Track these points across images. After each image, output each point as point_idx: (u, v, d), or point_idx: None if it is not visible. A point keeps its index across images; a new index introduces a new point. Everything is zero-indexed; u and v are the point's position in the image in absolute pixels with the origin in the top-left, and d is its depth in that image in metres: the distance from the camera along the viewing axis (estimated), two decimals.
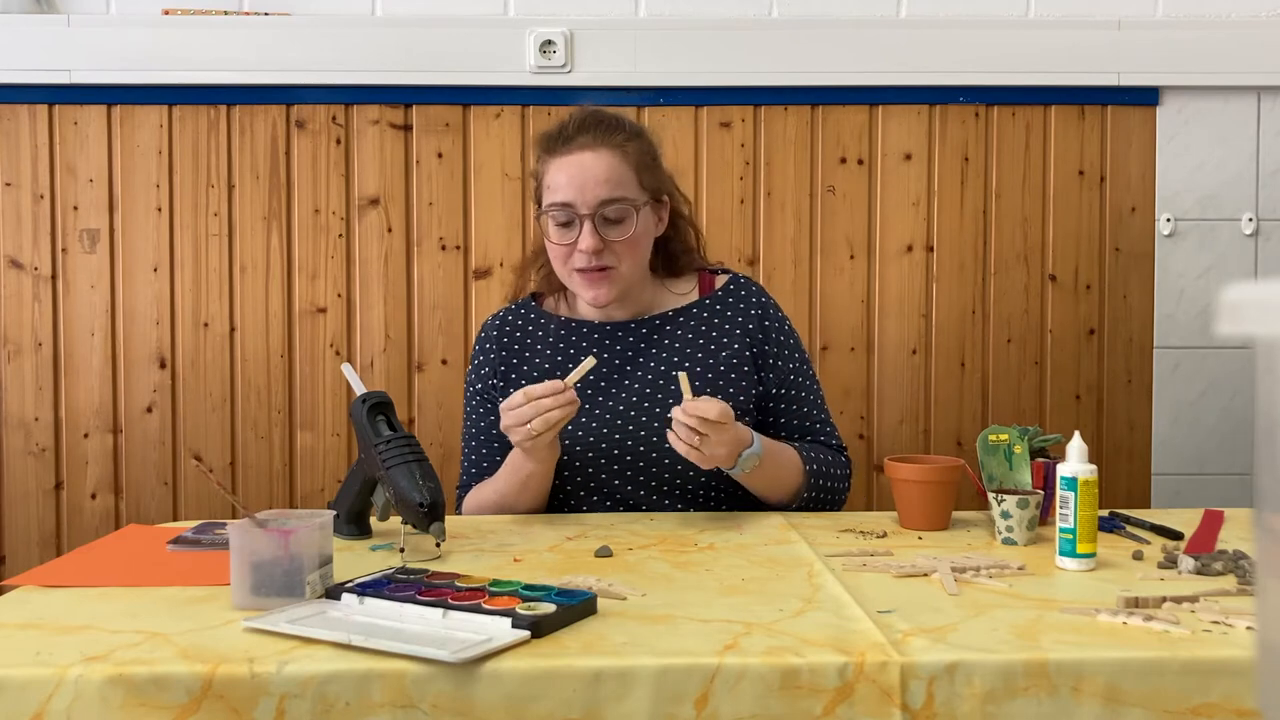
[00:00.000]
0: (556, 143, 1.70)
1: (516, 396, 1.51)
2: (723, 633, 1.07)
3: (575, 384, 1.52)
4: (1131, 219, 2.46)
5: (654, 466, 1.66)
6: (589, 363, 1.53)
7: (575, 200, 1.65)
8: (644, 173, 1.71)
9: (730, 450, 1.51)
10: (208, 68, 2.35)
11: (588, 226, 1.65)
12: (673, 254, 1.81)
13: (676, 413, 1.49)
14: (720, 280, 1.81)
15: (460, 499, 1.78)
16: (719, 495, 1.69)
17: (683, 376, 1.51)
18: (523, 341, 1.79)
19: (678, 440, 1.49)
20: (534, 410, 1.49)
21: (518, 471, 1.63)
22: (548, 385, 1.50)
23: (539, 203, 1.73)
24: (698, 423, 1.47)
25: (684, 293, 1.80)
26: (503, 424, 1.54)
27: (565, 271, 1.71)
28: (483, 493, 1.72)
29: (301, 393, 2.42)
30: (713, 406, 1.48)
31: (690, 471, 1.64)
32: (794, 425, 1.75)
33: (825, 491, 1.69)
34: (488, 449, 1.77)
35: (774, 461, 1.61)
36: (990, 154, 2.45)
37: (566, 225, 1.67)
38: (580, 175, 1.65)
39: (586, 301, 1.72)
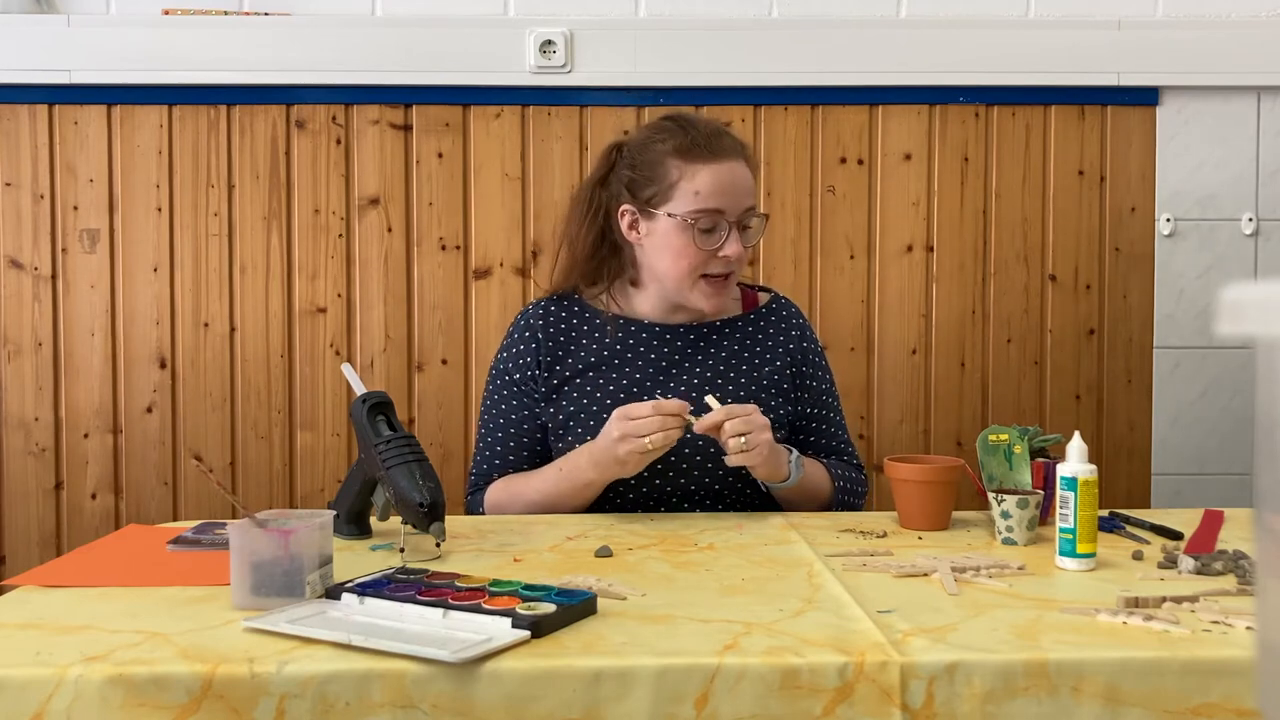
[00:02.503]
0: (699, 149, 1.67)
1: (643, 407, 1.52)
2: (723, 633, 1.07)
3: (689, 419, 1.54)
4: (1131, 219, 2.46)
5: (695, 470, 1.68)
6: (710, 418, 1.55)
7: (727, 207, 1.67)
8: (757, 187, 1.79)
9: (770, 440, 1.55)
10: (208, 68, 2.35)
11: (734, 234, 1.68)
12: None
13: (720, 420, 1.52)
14: (763, 298, 1.86)
15: (476, 486, 1.76)
16: (739, 505, 1.72)
17: (711, 399, 1.57)
18: (568, 334, 1.77)
19: (733, 455, 1.53)
20: (660, 425, 1.50)
21: (578, 478, 1.62)
22: (678, 404, 1.52)
23: (649, 201, 1.69)
24: (741, 419, 1.51)
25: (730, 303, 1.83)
26: (617, 431, 1.52)
27: (690, 277, 1.69)
28: (519, 489, 1.69)
29: (301, 393, 2.42)
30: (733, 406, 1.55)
31: (719, 472, 1.66)
32: (820, 444, 1.81)
33: (847, 506, 1.76)
34: (515, 441, 1.75)
35: (811, 476, 1.69)
36: (990, 154, 2.45)
37: (709, 231, 1.67)
38: (732, 184, 1.68)
39: (708, 310, 1.72)
